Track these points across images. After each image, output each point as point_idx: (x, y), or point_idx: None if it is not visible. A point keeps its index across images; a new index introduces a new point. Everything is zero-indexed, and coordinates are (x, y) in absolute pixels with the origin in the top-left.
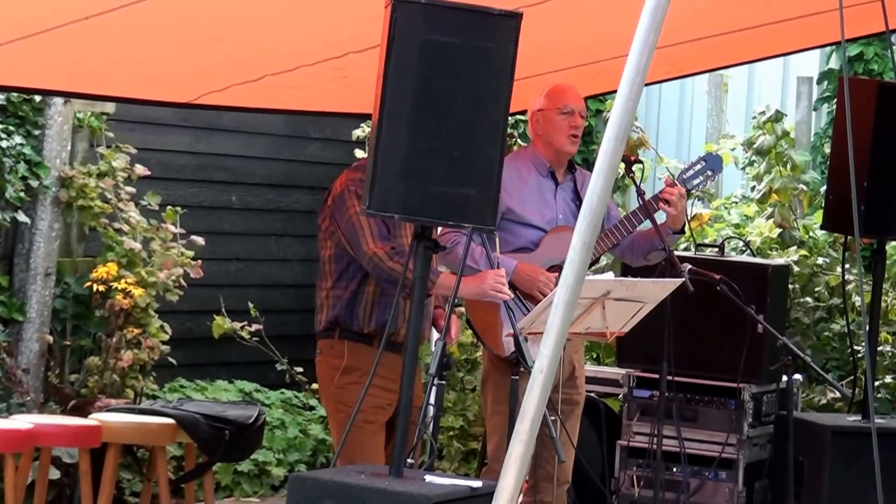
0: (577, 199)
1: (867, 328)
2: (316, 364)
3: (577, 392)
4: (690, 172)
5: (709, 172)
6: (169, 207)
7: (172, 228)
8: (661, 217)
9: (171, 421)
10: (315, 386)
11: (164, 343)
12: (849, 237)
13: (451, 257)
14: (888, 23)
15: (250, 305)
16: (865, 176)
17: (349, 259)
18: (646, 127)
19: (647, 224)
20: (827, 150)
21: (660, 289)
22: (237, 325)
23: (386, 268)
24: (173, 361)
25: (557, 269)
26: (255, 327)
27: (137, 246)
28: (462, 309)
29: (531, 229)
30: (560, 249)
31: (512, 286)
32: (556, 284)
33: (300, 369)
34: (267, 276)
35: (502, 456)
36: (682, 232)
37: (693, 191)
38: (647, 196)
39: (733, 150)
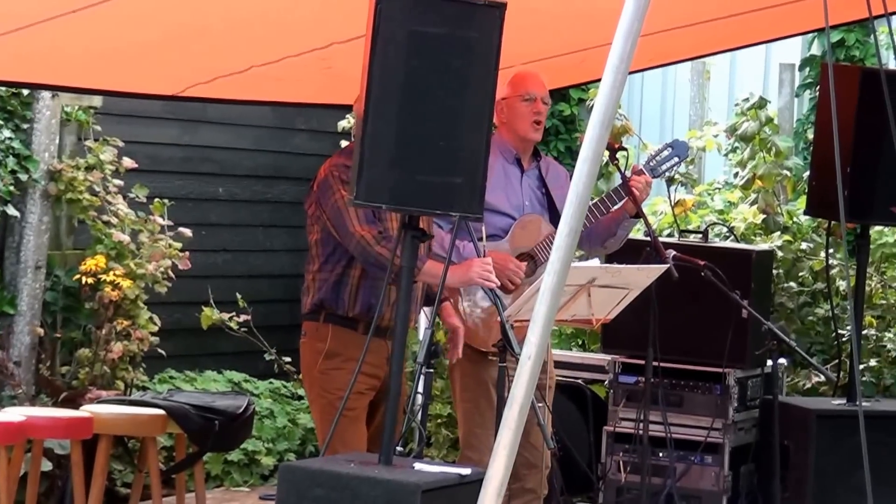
0: (543, 187)
1: (852, 312)
2: (300, 346)
3: (549, 377)
4: (657, 160)
5: (675, 159)
6: (156, 200)
7: (160, 220)
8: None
9: (161, 412)
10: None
11: (153, 334)
12: (832, 222)
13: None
14: (871, 9)
15: (238, 296)
16: (848, 161)
17: (335, 243)
18: (629, 115)
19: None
20: (810, 136)
21: (645, 275)
22: (225, 315)
23: (374, 252)
24: (163, 353)
25: (526, 257)
26: (243, 318)
27: (126, 238)
28: None
29: (500, 216)
30: (528, 238)
31: None
32: (525, 273)
33: (288, 359)
34: (254, 266)
35: (474, 442)
36: (637, 217)
37: (660, 178)
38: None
39: (716, 136)
